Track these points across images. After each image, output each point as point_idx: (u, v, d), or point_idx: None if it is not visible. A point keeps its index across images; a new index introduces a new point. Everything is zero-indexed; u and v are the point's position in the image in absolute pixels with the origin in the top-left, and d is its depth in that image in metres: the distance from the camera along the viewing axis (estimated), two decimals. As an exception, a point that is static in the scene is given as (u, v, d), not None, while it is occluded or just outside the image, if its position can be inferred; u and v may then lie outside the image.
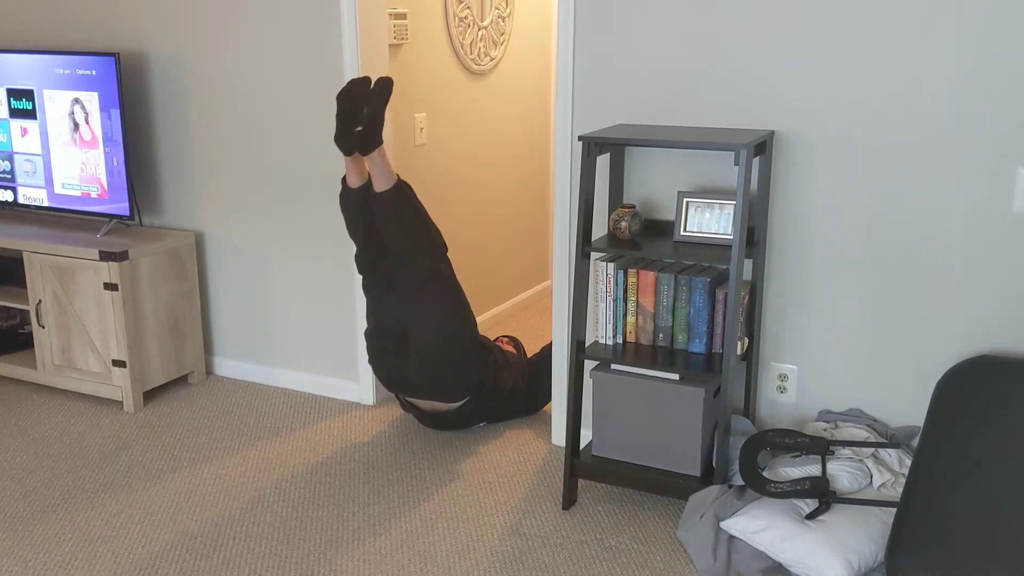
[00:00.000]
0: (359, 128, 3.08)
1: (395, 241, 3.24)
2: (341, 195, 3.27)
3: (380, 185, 3.18)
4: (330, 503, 3.09)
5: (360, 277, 3.57)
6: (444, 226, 4.38)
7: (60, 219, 4.18)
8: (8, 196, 4.11)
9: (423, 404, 3.50)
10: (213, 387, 4.03)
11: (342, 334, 3.84)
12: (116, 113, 3.73)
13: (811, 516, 2.62)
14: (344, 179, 3.25)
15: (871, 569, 2.53)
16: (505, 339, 3.97)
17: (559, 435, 3.48)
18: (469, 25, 4.34)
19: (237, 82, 3.77)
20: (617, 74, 3.07)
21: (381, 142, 3.14)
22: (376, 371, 3.44)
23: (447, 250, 3.34)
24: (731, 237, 2.80)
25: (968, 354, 2.81)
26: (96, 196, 3.87)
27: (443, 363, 3.31)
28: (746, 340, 2.99)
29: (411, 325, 3.29)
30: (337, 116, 3.08)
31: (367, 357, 3.54)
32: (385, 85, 3.09)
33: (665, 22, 2.97)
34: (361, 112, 3.09)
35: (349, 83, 3.08)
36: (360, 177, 3.21)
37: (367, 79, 3.09)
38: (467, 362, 3.37)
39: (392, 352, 3.35)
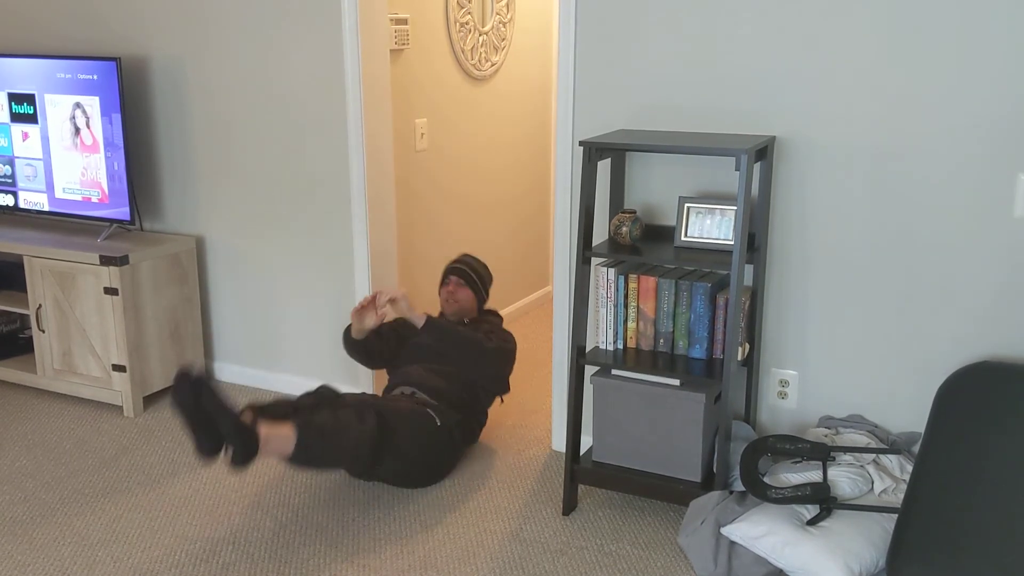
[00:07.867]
0: (231, 449, 2.68)
1: (345, 465, 3.03)
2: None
3: (284, 454, 2.80)
4: (329, 508, 3.09)
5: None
6: (444, 229, 4.39)
7: (61, 223, 4.18)
8: (9, 200, 4.11)
9: None
10: (213, 392, 4.02)
11: (342, 338, 3.82)
12: (117, 118, 3.73)
13: (812, 522, 2.61)
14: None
15: (872, 575, 2.53)
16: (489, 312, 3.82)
17: (559, 440, 3.48)
18: (470, 31, 4.34)
19: (238, 87, 3.77)
20: (618, 79, 3.07)
21: (255, 434, 2.71)
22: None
23: (372, 397, 3.19)
24: (732, 242, 2.80)
25: (969, 360, 2.80)
26: (97, 200, 3.87)
27: (422, 465, 3.21)
28: (747, 346, 2.99)
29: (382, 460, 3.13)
30: (190, 433, 2.68)
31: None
32: (202, 384, 2.67)
33: (666, 28, 2.97)
34: (211, 421, 2.67)
35: (174, 397, 2.67)
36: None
37: (184, 378, 2.65)
38: (442, 450, 3.25)
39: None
